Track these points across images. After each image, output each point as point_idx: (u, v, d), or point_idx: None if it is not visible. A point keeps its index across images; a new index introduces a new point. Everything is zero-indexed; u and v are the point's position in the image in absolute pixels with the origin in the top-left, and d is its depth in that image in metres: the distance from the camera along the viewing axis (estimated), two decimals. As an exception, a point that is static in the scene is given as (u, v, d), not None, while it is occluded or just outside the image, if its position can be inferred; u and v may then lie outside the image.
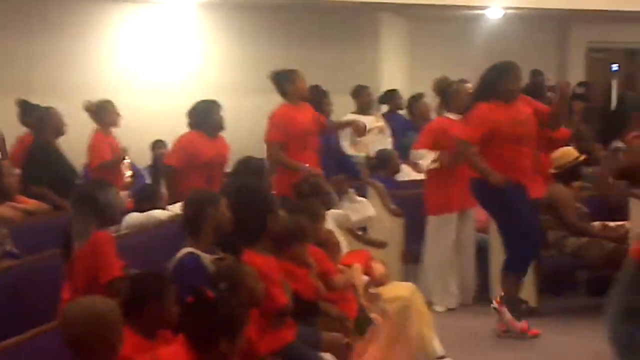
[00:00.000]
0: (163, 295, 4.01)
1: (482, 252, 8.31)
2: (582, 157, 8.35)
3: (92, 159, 8.65)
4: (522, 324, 7.21)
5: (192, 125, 7.96)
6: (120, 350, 3.61)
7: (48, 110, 8.33)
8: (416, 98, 11.09)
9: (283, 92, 8.01)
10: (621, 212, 8.22)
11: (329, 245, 5.63)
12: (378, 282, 6.08)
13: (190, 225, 4.84)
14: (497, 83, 7.19)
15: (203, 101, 8.02)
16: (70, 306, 3.69)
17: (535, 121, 7.33)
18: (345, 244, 6.37)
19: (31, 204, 7.43)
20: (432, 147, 8.17)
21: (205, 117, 7.86)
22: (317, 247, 5.44)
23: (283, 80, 7.96)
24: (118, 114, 8.86)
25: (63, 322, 3.59)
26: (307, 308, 4.96)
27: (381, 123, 10.89)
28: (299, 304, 4.82)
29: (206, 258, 4.69)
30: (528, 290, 7.89)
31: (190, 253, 4.70)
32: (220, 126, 7.93)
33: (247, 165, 6.54)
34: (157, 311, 3.99)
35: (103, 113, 8.73)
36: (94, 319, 3.51)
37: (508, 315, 7.18)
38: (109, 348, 3.54)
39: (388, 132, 10.87)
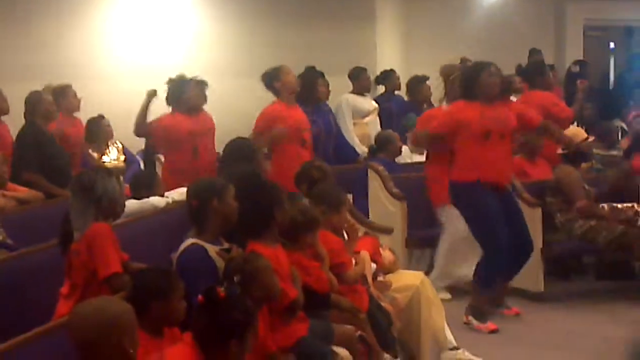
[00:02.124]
0: (169, 293, 3.82)
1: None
2: (591, 138, 8.17)
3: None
4: (488, 325, 7.05)
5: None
6: (135, 357, 3.37)
7: (38, 94, 8.09)
8: (419, 80, 10.89)
9: (273, 91, 7.94)
10: (630, 194, 8.02)
11: (349, 232, 5.43)
12: (387, 270, 5.89)
13: (195, 215, 4.62)
14: (473, 84, 7.09)
15: (171, 80, 7.99)
16: (80, 307, 3.45)
17: (515, 123, 7.21)
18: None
19: (22, 191, 7.22)
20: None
21: (178, 96, 7.86)
22: (336, 237, 5.24)
23: (270, 80, 7.91)
24: (78, 99, 8.65)
25: (72, 324, 3.35)
26: (319, 301, 4.76)
27: (375, 105, 10.74)
28: (310, 297, 4.62)
29: (211, 249, 4.48)
30: (535, 275, 7.75)
31: (195, 244, 4.48)
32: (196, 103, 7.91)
33: (239, 147, 6.34)
34: (163, 309, 3.82)
35: (61, 97, 8.53)
36: (104, 323, 3.27)
37: (475, 323, 7.04)
38: (120, 353, 3.30)
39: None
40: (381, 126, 10.54)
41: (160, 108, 8.16)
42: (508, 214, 7.07)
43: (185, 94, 7.85)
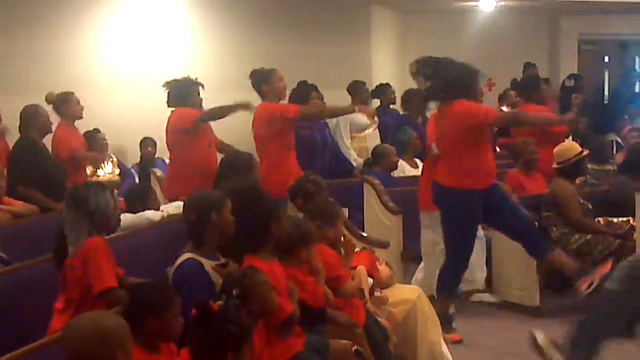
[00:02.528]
0: (165, 308, 3.78)
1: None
2: (586, 152, 8.16)
3: (60, 151, 8.39)
4: (453, 336, 6.97)
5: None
6: None
7: (34, 108, 8.07)
8: (413, 93, 10.88)
9: (260, 92, 7.85)
10: (626, 208, 8.01)
11: (345, 247, 5.41)
12: (384, 284, 5.87)
13: (192, 230, 4.60)
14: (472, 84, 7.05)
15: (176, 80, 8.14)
16: (74, 321, 3.42)
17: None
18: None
19: (18, 205, 7.20)
20: None
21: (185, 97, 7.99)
22: (333, 250, 5.22)
23: (259, 81, 7.80)
24: (80, 106, 8.62)
25: (66, 337, 3.32)
26: (315, 316, 4.73)
27: (376, 119, 10.72)
28: (306, 312, 4.59)
29: (207, 264, 4.46)
30: (531, 289, 7.72)
31: (191, 259, 4.46)
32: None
33: (234, 160, 6.33)
34: (159, 324, 3.78)
35: (64, 105, 8.51)
36: (98, 336, 3.24)
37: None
38: None
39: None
40: (379, 140, 10.54)
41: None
42: (497, 204, 7.03)
43: (192, 94, 8.00)
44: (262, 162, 7.64)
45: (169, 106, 8.10)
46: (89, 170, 9.18)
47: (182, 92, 8.01)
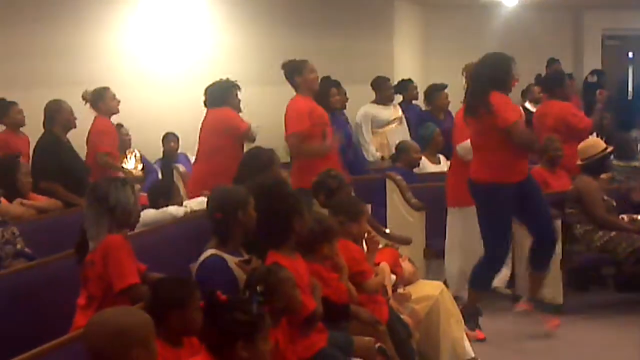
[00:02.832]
0: (187, 303, 3.78)
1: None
2: (610, 149, 8.11)
3: (99, 144, 8.47)
4: (476, 333, 6.95)
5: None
6: None
7: (57, 103, 8.10)
8: (437, 88, 10.84)
9: (293, 84, 7.79)
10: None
11: (369, 243, 5.40)
12: (406, 281, 5.86)
13: (218, 228, 4.59)
14: (506, 75, 6.93)
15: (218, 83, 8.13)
16: (96, 316, 3.42)
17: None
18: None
19: (41, 200, 7.23)
20: None
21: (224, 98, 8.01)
22: (357, 246, 5.21)
23: (292, 72, 7.74)
24: (117, 100, 8.68)
25: (86, 333, 3.32)
26: (338, 312, 4.72)
27: (400, 114, 10.70)
28: (330, 308, 4.58)
29: (231, 261, 4.46)
30: (554, 287, 7.69)
31: (215, 255, 4.46)
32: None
33: (256, 156, 6.32)
34: (181, 319, 3.77)
35: (100, 100, 8.59)
36: (117, 333, 3.22)
37: (464, 328, 6.97)
38: None
39: (405, 123, 10.70)
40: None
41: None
42: (528, 205, 6.99)
43: (231, 96, 8.04)
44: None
45: (206, 107, 8.09)
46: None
47: (222, 94, 8.02)
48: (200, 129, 8.09)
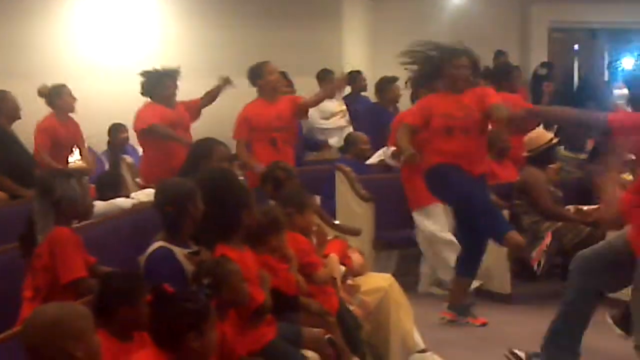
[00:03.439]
0: (137, 297, 3.72)
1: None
2: (556, 140, 8.18)
3: (40, 143, 8.42)
4: (478, 318, 7.10)
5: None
6: None
7: (2, 94, 7.98)
8: (388, 80, 10.86)
9: (257, 88, 8.01)
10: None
11: (317, 236, 5.39)
12: (356, 272, 5.85)
13: (169, 221, 4.55)
14: (439, 67, 7.05)
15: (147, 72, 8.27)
16: (34, 312, 3.36)
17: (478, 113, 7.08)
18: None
19: (-14, 192, 7.13)
20: None
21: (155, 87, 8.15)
22: (305, 237, 5.19)
23: (253, 77, 7.98)
24: (73, 98, 8.61)
25: (23, 329, 3.26)
26: (287, 303, 4.71)
27: (344, 107, 10.74)
28: (279, 300, 4.56)
29: (179, 252, 4.43)
30: (502, 277, 7.75)
31: (163, 247, 4.42)
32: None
33: (197, 147, 6.27)
34: (131, 313, 3.71)
35: (57, 97, 8.50)
36: (50, 326, 3.15)
37: (463, 318, 7.11)
38: (66, 358, 3.18)
39: (347, 116, 10.76)
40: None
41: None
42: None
43: (160, 86, 8.13)
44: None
45: (142, 96, 8.15)
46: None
47: (151, 84, 8.06)
48: None
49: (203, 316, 3.53)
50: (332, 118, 10.65)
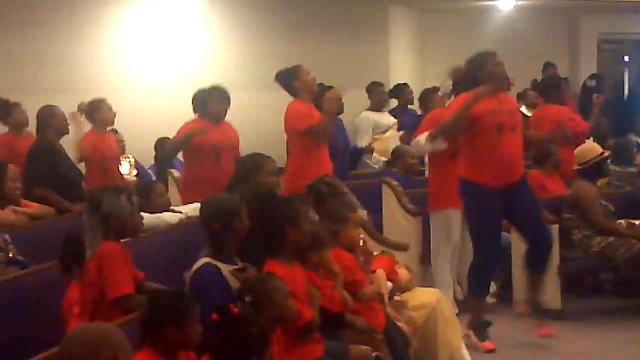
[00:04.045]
0: (184, 317, 3.67)
1: (504, 252, 7.91)
2: (607, 153, 8.06)
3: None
4: (486, 344, 6.86)
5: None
6: None
7: (50, 109, 8.03)
8: (430, 92, 10.77)
9: (292, 91, 7.66)
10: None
11: (364, 252, 5.33)
12: (403, 288, 5.79)
13: (215, 238, 4.53)
14: (476, 74, 6.88)
15: (201, 90, 7.98)
16: (72, 332, 3.34)
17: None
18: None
19: (34, 207, 7.15)
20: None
21: (203, 105, 7.87)
22: (349, 254, 5.13)
23: (288, 79, 7.63)
24: (113, 113, 8.59)
25: (60, 349, 3.24)
26: (333, 321, 4.66)
27: (395, 121, 10.70)
28: (325, 317, 4.51)
29: (225, 269, 4.40)
30: (552, 292, 7.63)
31: (209, 264, 4.40)
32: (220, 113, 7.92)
33: (243, 163, 6.24)
34: (178, 333, 3.66)
35: (96, 112, 8.48)
36: (95, 339, 3.13)
37: (474, 339, 6.86)
38: None
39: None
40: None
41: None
42: (520, 209, 6.90)
43: (210, 103, 7.86)
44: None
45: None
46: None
47: (199, 103, 7.93)
48: None
49: (266, 341, 3.60)
50: (388, 132, 10.60)
